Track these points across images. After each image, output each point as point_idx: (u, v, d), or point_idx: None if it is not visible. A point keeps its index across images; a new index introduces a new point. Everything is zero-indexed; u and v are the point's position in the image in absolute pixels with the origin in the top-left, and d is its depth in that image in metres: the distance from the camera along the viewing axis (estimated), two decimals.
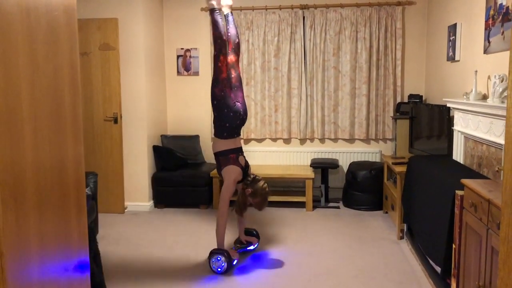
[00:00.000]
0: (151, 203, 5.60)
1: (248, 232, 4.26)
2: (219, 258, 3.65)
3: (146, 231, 4.71)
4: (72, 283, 2.00)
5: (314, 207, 5.50)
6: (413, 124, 5.05)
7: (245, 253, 4.08)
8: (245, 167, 3.92)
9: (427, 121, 4.75)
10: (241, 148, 3.96)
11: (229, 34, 3.92)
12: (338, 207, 5.55)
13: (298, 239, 4.43)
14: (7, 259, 1.46)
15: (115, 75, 5.26)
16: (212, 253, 3.69)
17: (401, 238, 4.39)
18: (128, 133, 5.42)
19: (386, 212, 5.21)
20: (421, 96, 5.39)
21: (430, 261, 3.40)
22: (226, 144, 3.83)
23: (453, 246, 2.84)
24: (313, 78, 5.82)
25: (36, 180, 1.67)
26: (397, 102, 5.65)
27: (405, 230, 4.34)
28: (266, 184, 3.88)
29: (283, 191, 5.92)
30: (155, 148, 5.65)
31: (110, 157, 5.35)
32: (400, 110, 5.46)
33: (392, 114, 5.68)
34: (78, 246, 2.04)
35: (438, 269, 3.16)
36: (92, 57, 5.26)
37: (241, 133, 5.90)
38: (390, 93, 5.70)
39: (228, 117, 3.78)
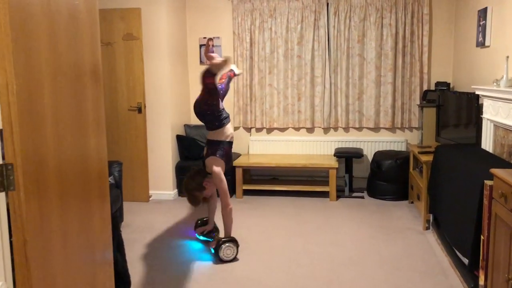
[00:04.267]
0: (175, 191, 5.64)
1: (204, 223, 4.26)
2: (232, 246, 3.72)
3: (170, 220, 4.75)
4: (96, 271, 2.02)
5: (338, 197, 5.44)
6: (440, 112, 4.92)
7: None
8: (204, 160, 3.96)
9: (454, 109, 4.62)
10: (208, 141, 3.97)
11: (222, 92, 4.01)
12: (362, 197, 5.48)
13: (321, 229, 4.40)
14: (30, 246, 1.48)
15: (139, 65, 5.29)
16: (224, 241, 3.68)
17: (427, 228, 4.31)
18: (152, 123, 5.45)
19: (412, 202, 5.12)
20: (449, 84, 5.24)
21: (457, 253, 3.33)
22: None
23: (482, 237, 2.76)
24: (337, 66, 5.73)
25: (58, 169, 1.68)
26: (423, 90, 5.52)
27: (431, 220, 4.26)
28: (186, 180, 3.80)
29: (306, 180, 5.88)
30: (179, 138, 5.67)
31: (134, 146, 5.41)
32: (426, 98, 5.33)
33: (418, 102, 5.56)
34: (101, 234, 2.06)
35: (466, 260, 3.09)
36: (116, 47, 5.29)
37: (264, 123, 5.93)
38: (416, 80, 5.57)
39: None
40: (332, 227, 4.44)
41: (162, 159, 5.52)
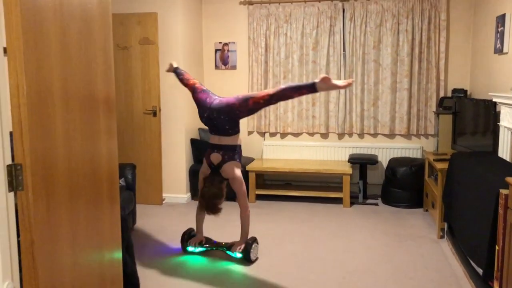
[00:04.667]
0: (188, 195, 5.66)
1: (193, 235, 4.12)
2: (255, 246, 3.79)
3: (182, 223, 4.76)
4: (104, 273, 2.03)
5: (352, 203, 5.40)
6: (456, 120, 4.85)
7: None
8: (216, 166, 3.78)
9: (471, 116, 4.55)
10: (221, 146, 3.76)
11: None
12: (376, 204, 5.42)
13: (334, 235, 4.36)
14: (38, 247, 1.49)
15: (154, 69, 5.33)
16: (248, 244, 3.74)
17: (442, 237, 4.24)
18: (167, 126, 5.49)
19: (427, 210, 5.04)
20: (466, 91, 5.17)
21: (472, 262, 3.26)
22: (210, 138, 3.89)
23: (496, 247, 2.70)
24: (352, 71, 5.70)
25: (67, 171, 1.69)
26: (440, 97, 5.45)
27: (445, 229, 4.19)
28: (206, 189, 3.70)
29: (320, 186, 5.85)
30: (193, 141, 5.70)
31: (149, 149, 5.44)
32: (443, 105, 5.26)
33: (434, 109, 5.49)
34: (110, 236, 2.07)
35: (480, 271, 3.03)
36: (132, 51, 5.35)
37: (277, 127, 5.92)
38: (433, 87, 5.51)
39: (199, 112, 3.84)
40: (345, 234, 4.40)
41: (176, 162, 5.55)
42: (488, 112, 4.08)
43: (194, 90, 3.93)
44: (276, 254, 3.91)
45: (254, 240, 3.81)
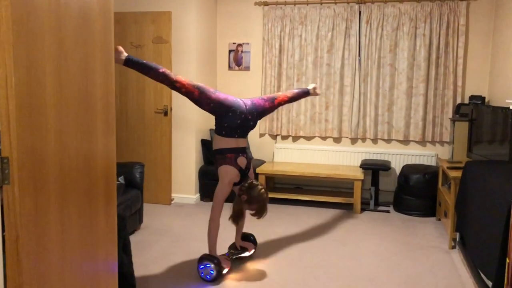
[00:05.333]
0: (197, 196, 5.63)
1: (245, 237, 3.93)
2: (208, 265, 3.36)
3: (189, 224, 4.73)
4: (98, 272, 1.99)
5: (363, 209, 5.30)
6: (472, 127, 4.72)
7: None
8: (245, 169, 3.59)
9: (488, 124, 4.41)
10: (244, 148, 3.59)
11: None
12: (388, 211, 5.31)
13: (342, 242, 4.27)
14: (23, 242, 1.46)
15: (167, 68, 5.31)
16: (202, 258, 3.41)
17: (453, 247, 4.12)
18: (177, 126, 5.47)
19: (439, 219, 4.91)
20: (484, 98, 5.03)
21: (482, 275, 3.15)
22: (225, 142, 3.52)
23: (507, 260, 2.59)
24: (367, 75, 5.60)
25: (59, 167, 1.66)
26: (457, 103, 5.32)
27: (457, 239, 4.06)
28: (263, 190, 3.46)
29: (331, 191, 5.76)
30: (203, 142, 5.67)
31: (159, 148, 5.43)
32: (459, 112, 5.13)
33: (451, 116, 5.35)
34: (105, 234, 2.04)
35: (490, 283, 2.91)
36: (145, 50, 5.35)
37: (290, 130, 5.86)
38: (449, 93, 5.37)
39: (227, 117, 3.48)
40: (354, 241, 4.31)
41: (186, 162, 5.52)
42: (506, 120, 3.94)
43: (202, 91, 3.44)
44: (281, 259, 3.84)
45: (209, 260, 3.38)
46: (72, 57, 1.73)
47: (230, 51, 6.05)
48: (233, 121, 3.48)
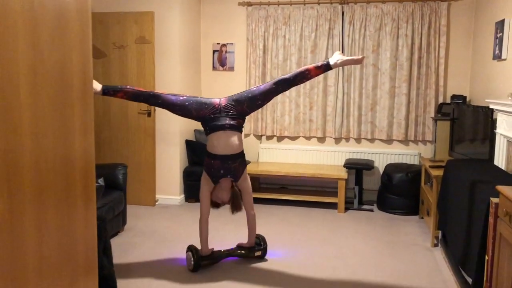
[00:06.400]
0: (182, 197, 5.60)
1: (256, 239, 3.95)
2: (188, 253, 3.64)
3: (174, 225, 4.71)
4: (77, 276, 1.97)
5: (347, 209, 5.33)
6: (454, 126, 4.77)
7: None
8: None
9: (469, 123, 4.47)
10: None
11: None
12: (371, 210, 5.34)
13: (326, 241, 4.29)
14: None
15: (150, 69, 5.29)
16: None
17: (435, 245, 4.16)
18: (161, 127, 5.44)
19: (422, 218, 4.97)
20: (465, 97, 5.09)
21: (463, 272, 3.18)
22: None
23: (486, 257, 2.63)
24: (351, 75, 5.63)
25: (35, 170, 1.64)
26: (439, 103, 5.38)
27: (439, 237, 4.11)
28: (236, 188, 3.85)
29: (315, 191, 5.78)
30: (188, 143, 5.65)
31: (143, 149, 5.40)
32: (441, 111, 5.19)
33: (433, 115, 5.41)
34: (84, 238, 2.01)
35: (470, 280, 2.95)
36: (128, 50, 5.31)
37: (274, 131, 5.87)
38: (431, 93, 5.43)
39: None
40: (337, 240, 4.33)
41: (170, 163, 5.50)
42: (486, 119, 4.00)
43: (184, 104, 3.59)
44: (265, 259, 3.84)
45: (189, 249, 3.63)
46: (49, 57, 1.70)
47: (214, 51, 6.03)
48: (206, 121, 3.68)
